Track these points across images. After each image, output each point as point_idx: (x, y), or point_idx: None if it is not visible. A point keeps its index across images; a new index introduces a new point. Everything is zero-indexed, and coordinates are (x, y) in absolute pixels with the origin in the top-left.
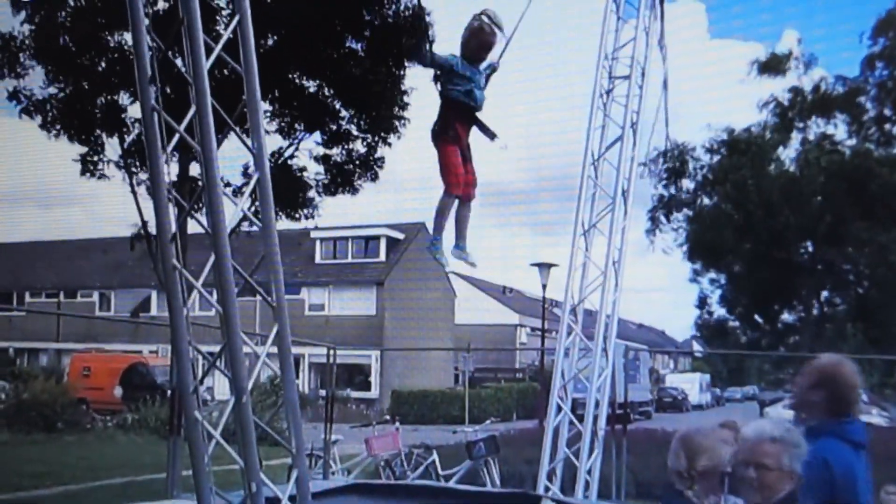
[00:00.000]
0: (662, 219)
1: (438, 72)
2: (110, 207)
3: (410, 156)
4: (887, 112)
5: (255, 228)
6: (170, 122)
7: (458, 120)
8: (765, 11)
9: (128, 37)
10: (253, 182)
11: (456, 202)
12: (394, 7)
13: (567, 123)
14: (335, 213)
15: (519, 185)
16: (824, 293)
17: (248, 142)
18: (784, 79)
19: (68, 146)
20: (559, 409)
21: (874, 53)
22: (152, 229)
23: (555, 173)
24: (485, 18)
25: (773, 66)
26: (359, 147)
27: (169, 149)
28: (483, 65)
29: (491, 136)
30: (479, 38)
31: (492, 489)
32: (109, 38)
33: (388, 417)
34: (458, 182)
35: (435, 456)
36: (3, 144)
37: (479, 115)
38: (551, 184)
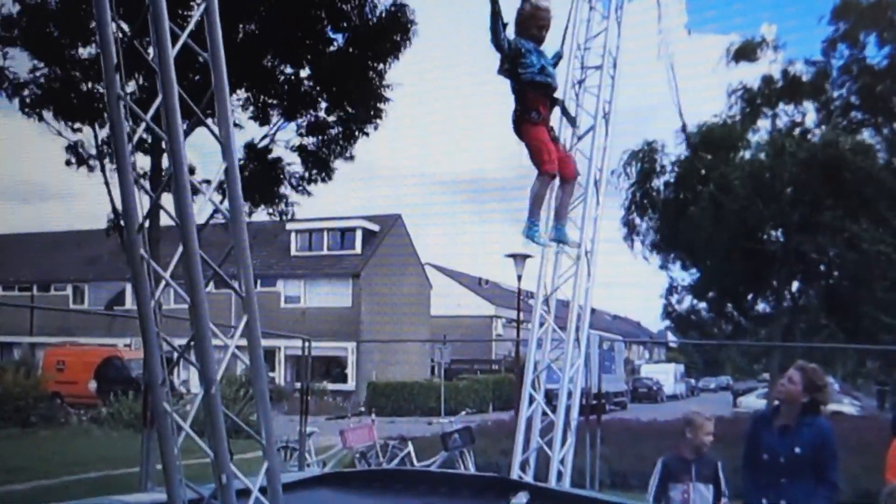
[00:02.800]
0: (637, 220)
1: (507, 60)
2: (87, 202)
3: (386, 147)
4: (853, 100)
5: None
6: (136, 111)
7: (538, 100)
8: (739, 2)
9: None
10: (221, 171)
11: (556, 182)
12: (370, 3)
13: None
14: (311, 206)
15: (497, 175)
16: (796, 283)
17: (216, 130)
18: (755, 65)
19: (49, 142)
20: (532, 399)
21: (836, 36)
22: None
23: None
24: (534, 2)
25: (746, 53)
26: (334, 132)
27: (135, 138)
28: (550, 53)
29: (572, 121)
30: (537, 19)
31: (470, 473)
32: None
33: (363, 409)
34: (551, 159)
35: (410, 447)
36: None
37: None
38: (530, 174)
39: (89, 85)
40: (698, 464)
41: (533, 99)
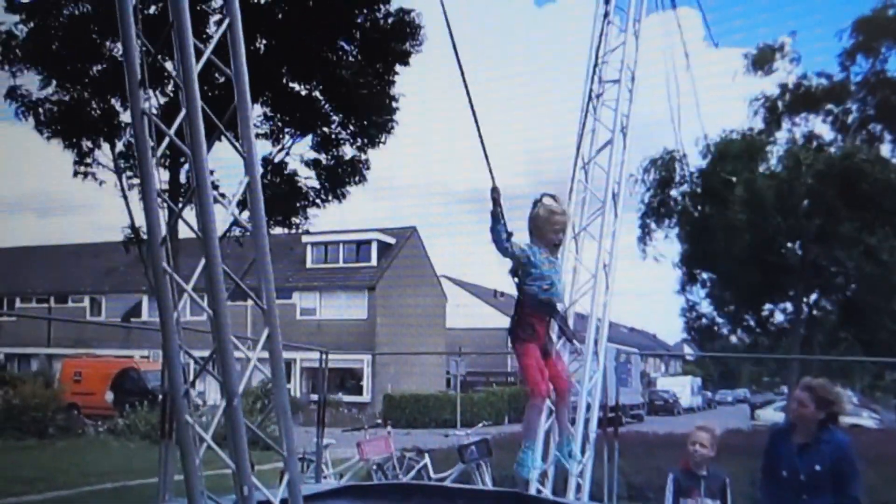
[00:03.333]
0: (653, 225)
1: (512, 267)
2: (106, 214)
3: (402, 161)
4: (871, 112)
5: (246, 234)
6: (160, 126)
7: (535, 315)
8: (764, 12)
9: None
10: (243, 185)
11: (546, 403)
12: (383, 10)
13: (564, 128)
14: (327, 219)
15: (516, 189)
16: (814, 296)
17: (238, 145)
18: (772, 77)
19: (69, 155)
20: (550, 411)
21: (853, 48)
22: (144, 234)
23: (552, 178)
24: (550, 202)
25: (762, 61)
26: (348, 152)
27: (159, 152)
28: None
29: (570, 337)
30: (552, 224)
31: (487, 488)
32: (103, 45)
33: (379, 421)
34: (543, 379)
35: (427, 459)
36: (3, 152)
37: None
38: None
39: (101, 103)
40: (707, 479)
41: (531, 314)
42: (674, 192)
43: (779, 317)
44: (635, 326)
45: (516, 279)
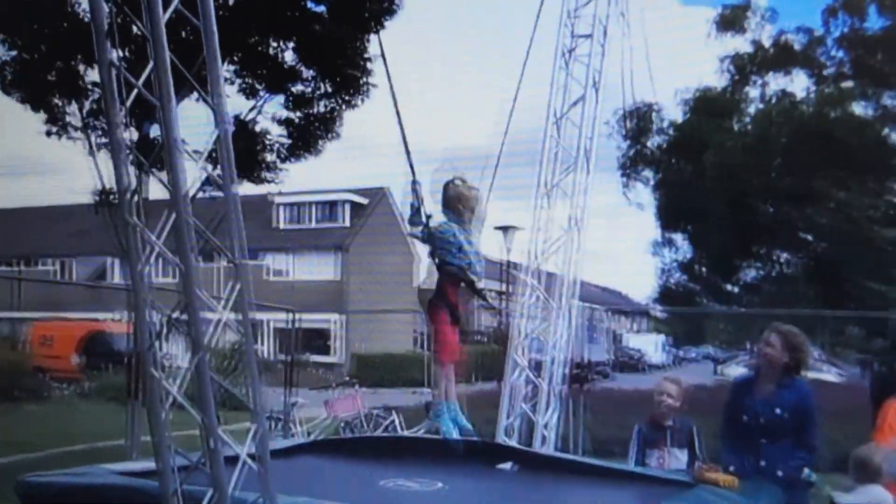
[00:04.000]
0: (632, 176)
1: (431, 247)
2: (76, 176)
3: (374, 120)
4: (847, 69)
5: (217, 194)
6: (127, 78)
7: (452, 288)
8: None
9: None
10: (213, 138)
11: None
12: None
13: (540, 87)
14: (297, 179)
15: (490, 149)
16: (782, 253)
17: (208, 98)
18: (744, 36)
19: (40, 117)
20: (517, 366)
21: (836, 4)
22: (113, 195)
23: (527, 137)
24: (460, 183)
25: (731, 20)
26: (321, 109)
27: (127, 104)
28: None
29: (484, 298)
30: (464, 201)
31: (455, 439)
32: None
33: (348, 379)
34: (447, 350)
35: (395, 417)
36: None
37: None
38: (521, 147)
39: (65, 62)
40: (673, 429)
41: (448, 287)
42: (650, 144)
43: (748, 274)
44: (606, 286)
45: (436, 259)
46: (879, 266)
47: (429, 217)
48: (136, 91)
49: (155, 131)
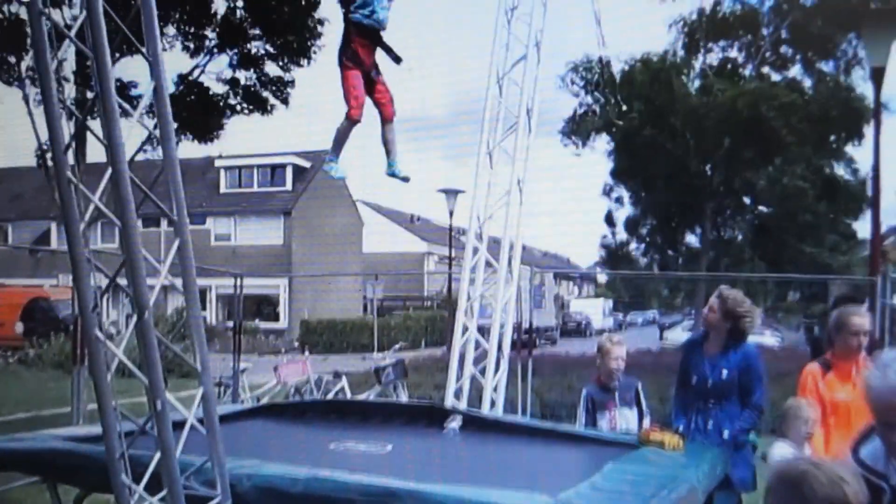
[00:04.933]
0: (577, 136)
1: None
2: (11, 136)
3: (318, 82)
4: (784, 35)
5: (158, 156)
6: (59, 28)
7: (360, 43)
8: None
9: None
10: (149, 92)
11: (380, 124)
12: None
13: (478, 42)
14: (240, 142)
15: (434, 112)
16: (722, 217)
17: (143, 50)
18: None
19: None
20: (465, 329)
21: None
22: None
23: (473, 97)
24: None
25: None
26: (270, 70)
27: (59, 53)
28: None
29: (396, 59)
30: None
31: (401, 402)
32: None
33: (297, 345)
34: (357, 105)
35: (345, 382)
36: None
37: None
38: (469, 108)
39: (10, 10)
40: (619, 389)
41: (356, 41)
42: (593, 103)
43: (690, 238)
44: (549, 250)
45: (343, 9)
46: (811, 230)
47: None
48: (67, 42)
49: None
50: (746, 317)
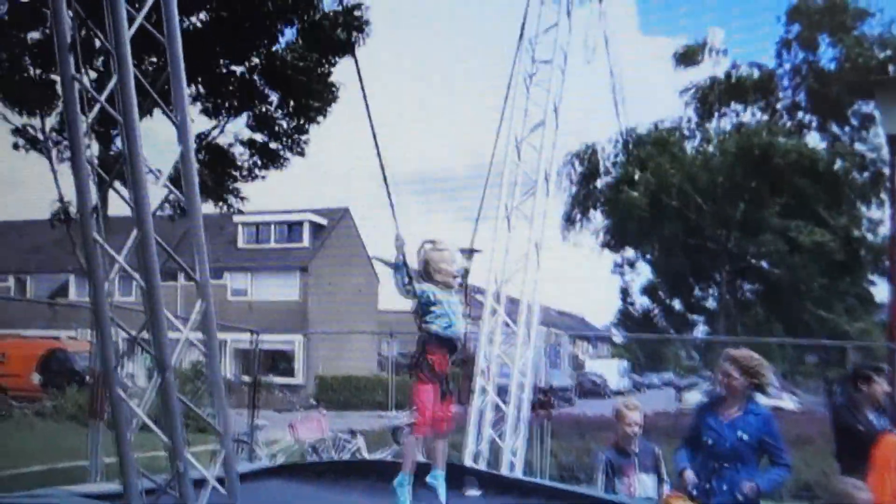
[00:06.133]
0: (579, 216)
1: (414, 307)
2: (32, 191)
3: (336, 142)
4: (801, 101)
5: (179, 211)
6: (90, 92)
7: (435, 353)
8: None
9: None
10: (176, 155)
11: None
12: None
13: (496, 107)
14: (258, 198)
15: (446, 171)
16: (738, 280)
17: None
18: (699, 68)
19: (3, 131)
20: (483, 391)
21: (789, 38)
22: (73, 210)
23: (488, 160)
24: (429, 247)
25: (689, 56)
26: (284, 126)
27: (90, 118)
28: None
29: (470, 362)
30: (442, 271)
31: (422, 461)
32: (36, 12)
33: (313, 402)
34: (424, 424)
35: (360, 440)
36: None
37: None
38: (479, 171)
39: (39, 71)
40: (638, 454)
41: (433, 352)
42: (598, 184)
43: (706, 301)
44: (564, 310)
45: (417, 320)
46: (829, 296)
47: (411, 278)
48: (98, 106)
49: (116, 150)
50: (762, 371)
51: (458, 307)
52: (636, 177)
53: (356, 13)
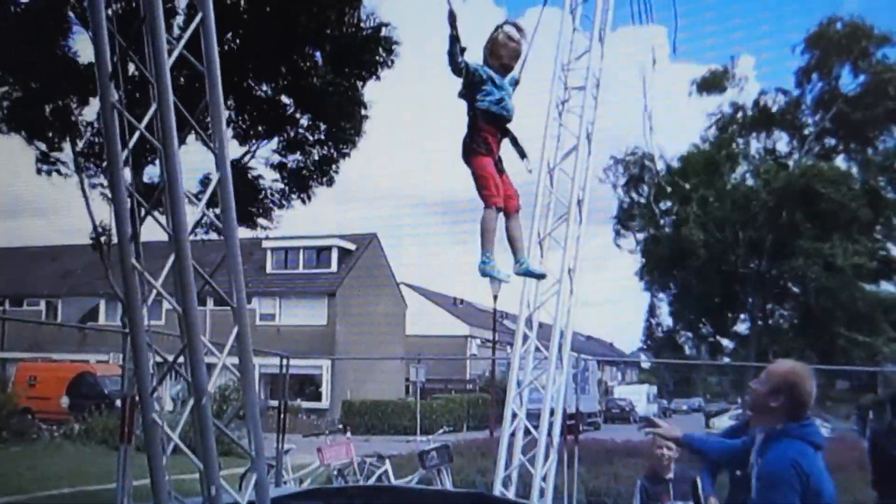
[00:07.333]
0: (621, 229)
1: (465, 85)
2: (64, 217)
3: (363, 167)
4: (828, 126)
5: (211, 237)
6: (130, 120)
7: (489, 131)
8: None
9: (75, 42)
10: (214, 181)
11: (500, 215)
12: (356, 17)
13: (529, 134)
14: (287, 223)
15: (472, 195)
16: (770, 306)
17: (209, 142)
18: (722, 96)
19: (27, 155)
20: (514, 417)
21: (809, 66)
22: (105, 236)
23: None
24: (511, 29)
25: (712, 83)
26: (315, 154)
27: (129, 145)
28: (507, 77)
29: (521, 153)
30: (508, 49)
31: (452, 489)
32: (61, 42)
33: (340, 426)
34: (497, 193)
35: (388, 465)
36: None
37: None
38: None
39: (58, 102)
40: (675, 482)
41: (484, 129)
42: (637, 196)
43: (737, 327)
44: (592, 335)
45: (467, 100)
46: (865, 318)
47: (463, 49)
48: (138, 134)
49: (149, 173)
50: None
51: (509, 89)
52: (685, 210)
53: (382, 33)
